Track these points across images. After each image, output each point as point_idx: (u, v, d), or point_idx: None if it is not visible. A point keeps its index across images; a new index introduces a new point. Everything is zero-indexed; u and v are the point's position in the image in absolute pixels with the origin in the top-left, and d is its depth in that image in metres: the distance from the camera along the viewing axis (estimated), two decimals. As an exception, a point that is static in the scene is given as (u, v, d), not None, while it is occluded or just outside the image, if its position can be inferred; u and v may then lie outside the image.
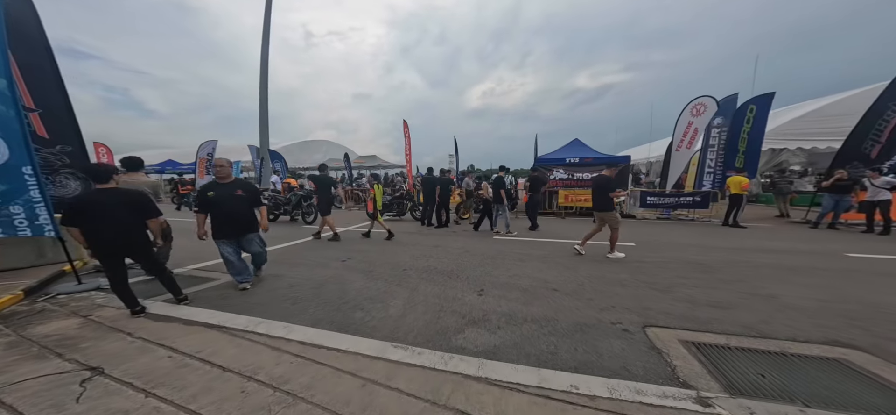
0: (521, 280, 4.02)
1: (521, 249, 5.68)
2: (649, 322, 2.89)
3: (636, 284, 3.83)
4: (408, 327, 2.83)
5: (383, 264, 4.76)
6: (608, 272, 4.33)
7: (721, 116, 8.54)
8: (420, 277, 4.15)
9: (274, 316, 2.99)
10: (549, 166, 10.86)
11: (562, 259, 5.03)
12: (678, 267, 4.54)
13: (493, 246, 5.99)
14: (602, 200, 5.19)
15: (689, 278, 4.04)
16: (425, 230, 7.77)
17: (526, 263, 4.77)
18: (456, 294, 3.57)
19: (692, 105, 8.61)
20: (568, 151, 11.43)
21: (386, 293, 3.60)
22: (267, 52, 18.27)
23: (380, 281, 4.02)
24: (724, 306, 3.17)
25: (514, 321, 2.91)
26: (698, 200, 8.83)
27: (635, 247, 5.86)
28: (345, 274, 4.29)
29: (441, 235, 7.09)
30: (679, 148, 9.02)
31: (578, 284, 3.88)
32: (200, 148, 14.11)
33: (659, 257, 5.07)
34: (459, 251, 5.57)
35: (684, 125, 8.83)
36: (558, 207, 10.66)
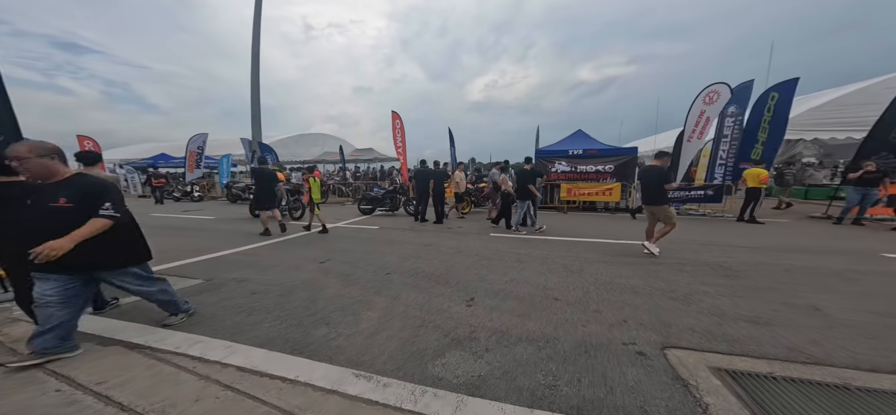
0: (518, 287, 3.52)
1: (520, 249, 5.18)
2: (670, 342, 2.39)
3: (651, 292, 3.32)
4: (379, 347, 2.35)
5: (365, 267, 4.28)
6: (618, 276, 3.82)
7: (735, 104, 7.92)
8: (404, 283, 3.66)
9: (219, 332, 2.51)
10: (550, 158, 10.31)
11: (564, 261, 4.52)
12: (697, 270, 4.03)
13: (489, 245, 5.50)
14: (655, 193, 4.70)
15: (712, 284, 3.53)
16: (418, 227, 7.28)
17: (524, 266, 4.27)
18: (442, 304, 3.08)
19: (705, 92, 8.00)
20: (570, 142, 10.87)
21: (361, 303, 3.13)
22: (258, 43, 17.72)
23: (357, 287, 3.54)
24: (760, 321, 2.66)
25: (506, 341, 2.42)
26: (710, 193, 8.27)
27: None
28: (320, 278, 3.82)
29: (435, 233, 6.61)
30: (690, 138, 8.43)
31: (583, 291, 3.38)
32: (190, 141, 13.66)
33: (674, 259, 4.55)
34: (452, 251, 5.08)
35: (696, 114, 8.23)
36: (560, 201, 10.13)
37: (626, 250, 5.03)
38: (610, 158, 9.72)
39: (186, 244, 5.55)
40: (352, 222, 7.90)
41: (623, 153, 9.65)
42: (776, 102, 7.41)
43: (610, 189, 9.39)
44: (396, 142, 11.67)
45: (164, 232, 6.82)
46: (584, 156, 10.05)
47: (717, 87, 7.75)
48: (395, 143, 11.66)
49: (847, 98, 10.85)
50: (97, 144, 15.59)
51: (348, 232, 6.74)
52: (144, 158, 20.82)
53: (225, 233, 6.66)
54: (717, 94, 7.76)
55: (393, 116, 11.69)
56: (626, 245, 5.36)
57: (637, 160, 9.95)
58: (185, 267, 4.22)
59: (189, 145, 13.64)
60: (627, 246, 5.30)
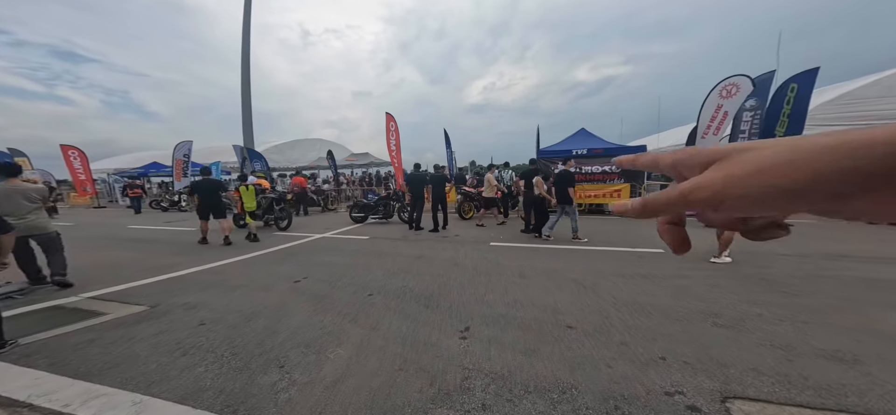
0: (523, 310, 2.94)
1: (523, 261, 4.60)
2: (731, 390, 1.80)
3: (687, 316, 2.73)
4: (340, 403, 1.78)
5: (345, 286, 3.71)
6: (641, 294, 3.23)
7: (755, 97, 7.37)
8: (387, 307, 3.09)
9: (135, 380, 1.95)
10: (552, 159, 9.74)
11: (574, 274, 3.93)
12: (739, 285, 3.43)
13: (489, 257, 4.92)
14: None
15: (762, 303, 2.93)
16: (412, 236, 6.71)
17: (528, 282, 3.68)
18: (430, 336, 2.50)
19: (722, 86, 7.45)
20: (574, 141, 10.32)
21: (331, 335, 2.55)
22: (248, 47, 17.42)
23: (330, 313, 2.97)
24: (845, 358, 2.07)
25: (508, 391, 1.84)
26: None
27: (664, 254, 4.74)
28: (288, 302, 3.24)
29: (429, 243, 6.03)
30: (705, 135, 7.86)
31: (602, 315, 2.79)
32: (176, 149, 13.21)
33: (707, 271, 3.95)
34: (447, 264, 4.50)
35: (712, 109, 7.68)
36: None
37: (644, 261, 4.44)
38: (617, 156, 9.15)
39: (148, 261, 5.00)
40: (340, 232, 7.34)
41: (632, 152, 9.09)
42: (796, 94, 6.85)
43: (618, 190, 8.82)
44: (390, 145, 11.16)
45: (131, 246, 6.28)
46: (589, 156, 9.49)
47: (737, 79, 7.20)
48: (389, 146, 11.15)
49: (861, 91, 10.24)
50: (83, 155, 15.20)
51: (334, 243, 6.18)
52: (137, 168, 20.42)
53: (199, 247, 6.11)
54: (736, 87, 7.21)
55: (387, 117, 11.20)
56: (644, 254, 4.77)
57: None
58: (134, 290, 3.65)
59: (175, 153, 13.20)
60: (645, 255, 4.71)
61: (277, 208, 7.53)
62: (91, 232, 8.22)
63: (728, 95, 7.40)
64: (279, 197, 7.67)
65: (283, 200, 7.80)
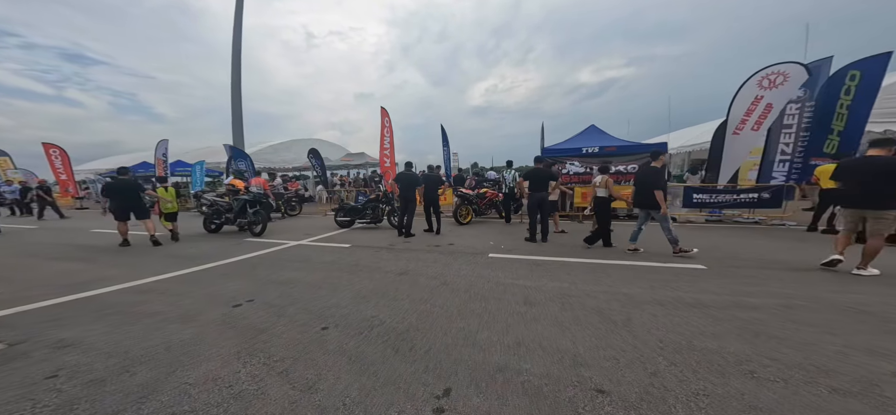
0: (529, 358, 2.07)
1: (528, 279, 3.72)
2: None
3: (785, 374, 1.84)
4: None
5: (297, 313, 2.87)
6: (694, 332, 2.34)
7: (803, 87, 6.43)
8: (342, 349, 2.25)
9: None
10: (560, 158, 8.87)
11: (595, 300, 3.05)
12: (834, 318, 2.52)
13: (486, 273, 4.05)
14: (883, 194, 3.30)
15: (872, 342, 2.03)
16: (400, 244, 5.86)
17: (536, 313, 2.81)
18: (388, 408, 1.64)
19: (762, 75, 6.54)
20: (584, 139, 9.43)
21: (239, 399, 1.71)
22: (239, 44, 16.76)
23: (258, 358, 2.13)
24: None
25: None
26: (766, 196, 6.72)
27: (707, 270, 3.83)
28: (208, 338, 2.41)
29: (417, 254, 5.17)
30: (739, 130, 6.94)
31: (648, 369, 1.91)
32: (156, 148, 12.58)
33: (774, 293, 3.04)
34: (434, 284, 3.64)
35: (748, 101, 6.77)
36: (574, 208, 8.65)
37: (683, 279, 3.53)
38: (633, 156, 8.24)
39: (77, 274, 4.21)
40: (320, 239, 6.51)
41: (649, 150, 8.15)
42: (859, 83, 5.89)
43: (636, 194, 7.89)
44: (383, 143, 10.38)
45: (75, 254, 5.50)
46: (602, 155, 8.58)
47: (785, 67, 6.28)
48: (382, 144, 10.36)
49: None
50: (65, 153, 14.65)
51: (307, 253, 5.35)
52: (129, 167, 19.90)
53: (148, 255, 5.33)
54: (783, 76, 6.28)
55: (382, 112, 10.43)
56: (681, 271, 3.86)
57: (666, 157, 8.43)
58: (17, 317, 2.84)
59: (155, 153, 12.56)
60: (683, 272, 3.80)
61: (251, 212, 6.73)
62: (46, 237, 7.50)
63: (771, 86, 6.48)
64: (254, 199, 6.88)
65: (259, 202, 7.01)
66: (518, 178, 8.20)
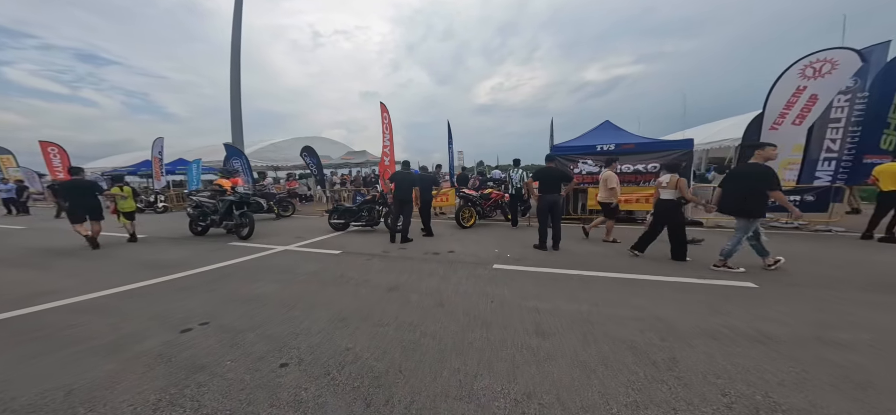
0: (548, 433, 1.50)
1: (539, 300, 3.14)
2: None
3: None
4: None
5: (256, 342, 2.35)
6: (758, 365, 1.75)
7: (855, 77, 5.67)
8: (295, 400, 1.73)
9: None
10: (571, 157, 8.22)
11: (626, 330, 2.45)
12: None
13: (488, 289, 3.49)
14: None
15: None
16: (394, 251, 5.33)
17: (552, 348, 2.23)
18: None
19: (806, 63, 5.81)
20: (598, 136, 8.76)
21: None
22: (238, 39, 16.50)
23: (174, 414, 1.60)
24: None
25: None
26: (811, 199, 5.99)
27: (759, 288, 3.19)
28: (121, 380, 1.90)
29: (413, 264, 4.64)
30: (778, 124, 6.21)
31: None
32: (153, 146, 12.32)
33: (857, 323, 2.40)
34: (427, 303, 3.09)
35: (788, 92, 6.04)
36: (585, 211, 8.00)
37: (734, 301, 2.90)
38: (655, 153, 7.55)
39: (31, 283, 3.78)
40: (310, 244, 6.02)
41: (674, 147, 7.46)
42: None
43: (657, 195, 7.20)
44: (384, 139, 9.86)
45: (43, 260, 5.10)
46: (618, 152, 7.90)
47: (833, 53, 5.54)
48: (383, 140, 9.85)
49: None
50: (63, 151, 14.53)
51: (290, 262, 4.85)
52: (129, 166, 19.88)
53: (113, 262, 4.91)
54: (831, 64, 5.55)
55: (381, 108, 9.91)
56: (730, 289, 3.23)
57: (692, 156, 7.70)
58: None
59: (152, 151, 12.29)
60: (733, 292, 3.16)
61: (237, 214, 6.28)
62: (30, 239, 7.18)
63: (816, 74, 5.74)
64: (240, 200, 6.42)
65: (246, 203, 6.55)
66: (526, 177, 7.60)
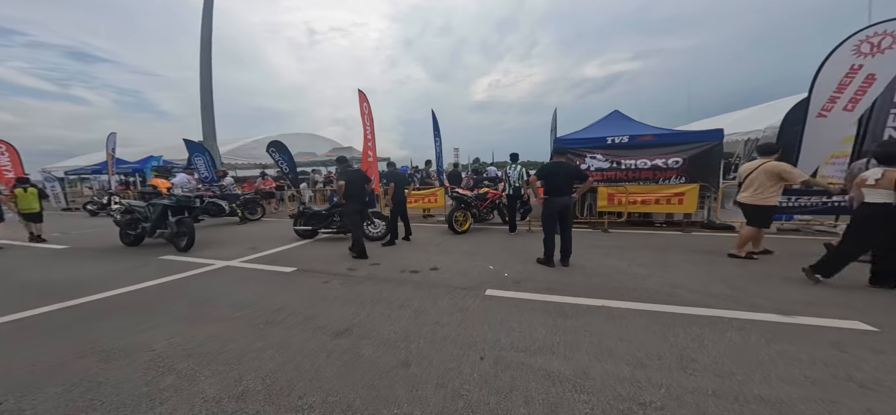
0: None
1: (552, 351, 2.15)
2: None
3: None
4: None
5: None
6: None
7: None
8: None
9: None
10: (578, 151, 7.22)
11: (698, 404, 1.43)
12: None
13: (475, 332, 2.48)
14: None
15: None
16: (362, 268, 4.31)
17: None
18: None
19: (861, 38, 4.87)
20: (607, 127, 7.79)
21: None
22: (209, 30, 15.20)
23: None
24: None
25: None
26: (870, 201, 5.04)
27: (881, 332, 2.19)
28: None
29: (381, 288, 3.63)
30: (827, 111, 5.27)
31: None
32: (107, 142, 11.14)
33: None
34: (387, 364, 2.09)
35: (840, 73, 5.10)
36: (597, 213, 7.01)
37: (847, 349, 1.91)
38: (677, 146, 6.59)
39: None
40: (262, 257, 4.97)
41: (699, 139, 6.50)
42: None
43: (680, 194, 6.25)
44: (366, 131, 8.79)
45: None
46: (633, 145, 6.93)
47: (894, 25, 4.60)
48: (365, 134, 8.77)
49: None
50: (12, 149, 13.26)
51: (222, 283, 3.80)
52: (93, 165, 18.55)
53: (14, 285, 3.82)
54: (892, 38, 4.61)
55: (360, 97, 8.84)
56: (830, 332, 2.23)
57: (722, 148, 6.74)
58: None
59: (107, 148, 11.11)
60: (837, 336, 2.16)
61: (172, 221, 5.18)
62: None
63: (874, 50, 4.80)
64: (179, 204, 5.33)
65: (189, 207, 5.47)
66: (525, 175, 6.60)
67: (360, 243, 4.68)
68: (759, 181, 4.01)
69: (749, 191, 4.11)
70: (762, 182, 3.99)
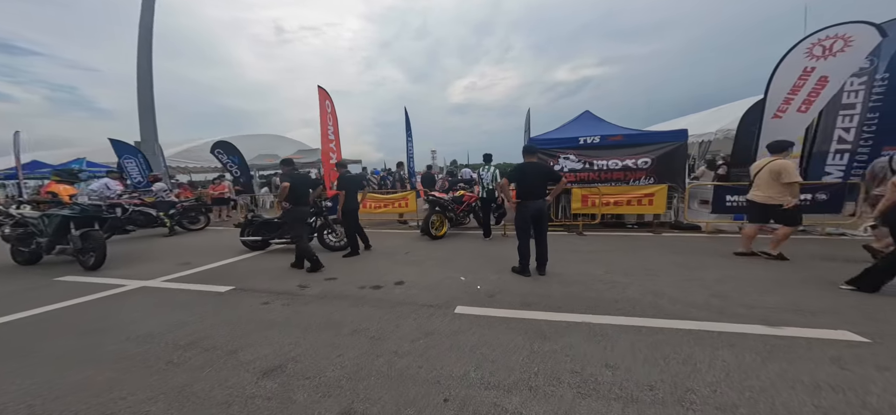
0: None
1: (532, 385, 1.80)
2: None
3: None
4: None
5: None
6: None
7: (871, 58, 5.03)
8: None
9: None
10: (551, 151, 7.12)
11: None
12: None
13: (443, 368, 2.09)
14: None
15: None
16: (317, 282, 3.77)
17: None
18: None
19: (813, 41, 5.10)
20: (580, 127, 7.76)
21: None
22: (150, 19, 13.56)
23: None
24: None
25: None
26: (824, 198, 5.32)
27: (873, 343, 2.06)
28: None
29: (336, 307, 3.14)
30: (782, 111, 5.49)
31: None
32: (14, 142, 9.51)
33: None
34: (347, 368, 1.59)
35: (794, 75, 5.33)
36: (568, 215, 6.92)
37: (847, 370, 1.73)
38: (645, 146, 6.65)
39: None
40: (194, 274, 4.25)
41: (666, 139, 6.60)
42: None
43: (650, 195, 6.28)
44: (327, 132, 8.13)
45: None
46: (604, 146, 6.92)
47: (845, 29, 4.83)
48: (325, 133, 8.11)
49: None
50: None
51: (132, 310, 3.11)
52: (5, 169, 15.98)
53: None
54: (842, 40, 4.84)
55: (321, 95, 8.18)
56: (825, 346, 2.07)
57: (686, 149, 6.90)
58: None
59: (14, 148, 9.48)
60: (831, 350, 2.00)
61: (76, 235, 4.29)
62: None
63: (826, 53, 5.03)
64: (84, 215, 4.43)
65: (99, 218, 4.58)
66: (499, 177, 6.34)
67: (305, 254, 4.10)
68: (767, 181, 3.95)
69: (763, 191, 4.02)
70: (769, 182, 3.93)
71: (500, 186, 4.18)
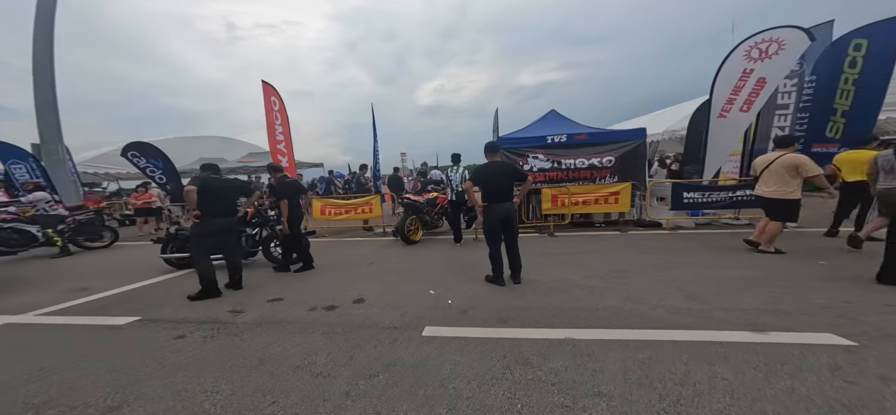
0: None
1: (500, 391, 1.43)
2: None
3: None
4: None
5: None
6: None
7: (801, 60, 5.49)
8: None
9: None
10: (519, 151, 7.00)
11: None
12: None
13: (408, 380, 1.65)
14: None
15: None
16: (255, 308, 3.14)
17: None
18: None
19: (751, 44, 5.47)
20: (546, 126, 7.74)
21: None
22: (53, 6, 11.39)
23: None
24: None
25: None
26: (760, 194, 5.69)
27: (860, 346, 2.00)
28: None
29: (276, 336, 2.59)
30: (726, 111, 5.83)
31: None
32: None
33: None
34: None
35: (735, 77, 5.69)
36: (540, 216, 6.82)
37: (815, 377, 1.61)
38: (608, 145, 6.78)
39: None
40: (87, 302, 3.38)
41: (627, 138, 6.78)
42: (866, 54, 5.07)
43: (616, 193, 6.38)
44: (274, 132, 7.27)
45: None
46: (571, 144, 6.94)
47: (778, 33, 5.21)
48: (272, 133, 7.25)
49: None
50: None
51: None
52: None
53: None
54: (776, 43, 5.22)
55: (266, 91, 7.31)
56: (817, 351, 1.97)
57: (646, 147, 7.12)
58: None
59: None
60: (822, 356, 1.90)
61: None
62: None
63: (763, 56, 5.40)
64: None
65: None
66: (467, 178, 6.04)
67: (206, 278, 3.35)
68: (780, 175, 3.90)
69: (772, 185, 3.97)
70: (783, 176, 3.88)
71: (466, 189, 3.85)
